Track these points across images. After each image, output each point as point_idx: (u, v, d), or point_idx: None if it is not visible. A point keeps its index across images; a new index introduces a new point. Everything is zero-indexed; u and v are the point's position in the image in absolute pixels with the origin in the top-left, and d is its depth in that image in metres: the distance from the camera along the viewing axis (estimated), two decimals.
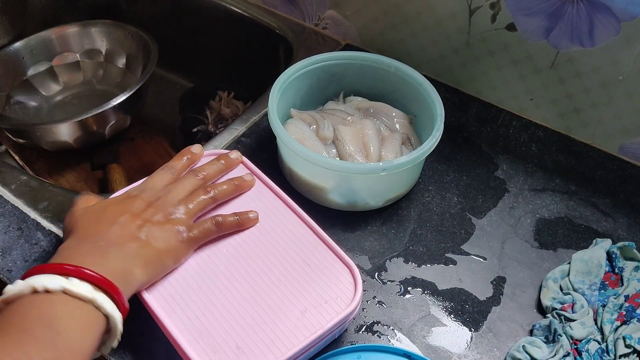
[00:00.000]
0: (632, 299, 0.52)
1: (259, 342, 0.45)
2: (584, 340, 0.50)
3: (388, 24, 0.77)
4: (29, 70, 0.86)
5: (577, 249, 0.59)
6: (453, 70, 0.76)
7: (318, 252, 0.52)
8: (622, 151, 0.69)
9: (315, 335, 0.46)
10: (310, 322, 0.47)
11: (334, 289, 0.49)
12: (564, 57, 0.66)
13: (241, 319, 0.47)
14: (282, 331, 0.46)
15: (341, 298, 0.48)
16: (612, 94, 0.65)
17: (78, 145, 0.77)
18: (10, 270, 0.55)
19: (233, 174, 0.58)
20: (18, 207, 0.61)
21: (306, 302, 0.48)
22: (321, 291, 0.49)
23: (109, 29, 0.88)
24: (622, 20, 0.60)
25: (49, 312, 0.40)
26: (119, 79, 0.90)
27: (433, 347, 0.52)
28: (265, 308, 0.48)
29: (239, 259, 0.51)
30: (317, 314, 0.47)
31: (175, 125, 0.95)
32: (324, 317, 0.47)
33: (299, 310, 0.48)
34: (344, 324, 0.49)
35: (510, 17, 0.67)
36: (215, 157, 0.58)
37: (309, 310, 0.47)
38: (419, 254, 0.59)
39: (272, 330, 0.46)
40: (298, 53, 0.82)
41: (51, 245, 0.57)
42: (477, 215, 0.63)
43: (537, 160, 0.69)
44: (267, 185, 0.57)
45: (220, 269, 0.50)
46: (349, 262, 0.51)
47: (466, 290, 0.56)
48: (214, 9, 0.91)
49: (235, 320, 0.47)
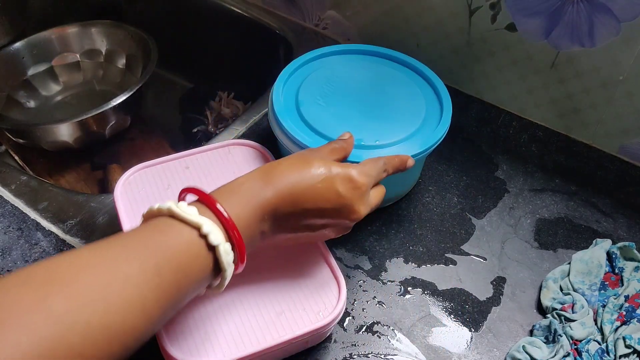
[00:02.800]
0: (632, 299, 0.52)
1: (227, 333, 0.46)
2: (584, 340, 0.50)
3: (388, 24, 0.77)
4: (29, 70, 0.86)
5: (577, 249, 0.59)
6: (453, 70, 0.76)
7: (310, 258, 0.51)
8: (622, 151, 0.69)
9: (282, 339, 0.45)
10: (282, 326, 0.46)
11: (317, 299, 0.48)
12: (564, 57, 0.66)
13: (217, 307, 0.47)
14: (252, 327, 0.46)
15: (321, 309, 0.48)
16: (612, 94, 0.65)
17: (78, 145, 0.77)
18: (10, 270, 0.55)
19: (243, 162, 0.58)
20: (18, 208, 0.61)
21: (285, 305, 0.48)
22: (303, 298, 0.48)
23: (109, 29, 0.88)
24: (622, 20, 0.60)
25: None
26: (118, 79, 0.90)
27: (433, 347, 0.52)
28: (243, 301, 0.48)
29: None
30: (291, 319, 0.47)
31: (175, 125, 0.95)
32: (297, 324, 0.46)
33: (276, 311, 0.47)
34: (318, 334, 0.48)
35: (511, 17, 0.67)
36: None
37: (285, 314, 0.47)
38: (419, 254, 0.59)
39: (242, 324, 0.46)
40: (298, 53, 0.82)
41: (51, 245, 0.57)
42: (477, 215, 0.63)
43: (537, 161, 0.69)
44: None
45: None
46: (339, 275, 0.50)
47: (466, 290, 0.56)
48: (214, 9, 0.91)
49: (210, 308, 0.47)
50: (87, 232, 0.59)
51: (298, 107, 0.59)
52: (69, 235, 0.58)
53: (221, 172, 0.58)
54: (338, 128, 0.56)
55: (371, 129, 0.57)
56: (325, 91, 0.61)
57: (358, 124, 0.58)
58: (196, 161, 0.58)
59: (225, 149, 0.60)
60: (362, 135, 0.56)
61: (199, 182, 0.56)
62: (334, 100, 0.60)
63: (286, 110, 0.59)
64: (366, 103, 0.61)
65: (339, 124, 0.57)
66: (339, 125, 0.57)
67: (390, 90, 0.63)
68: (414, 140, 0.57)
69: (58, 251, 0.57)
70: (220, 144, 0.60)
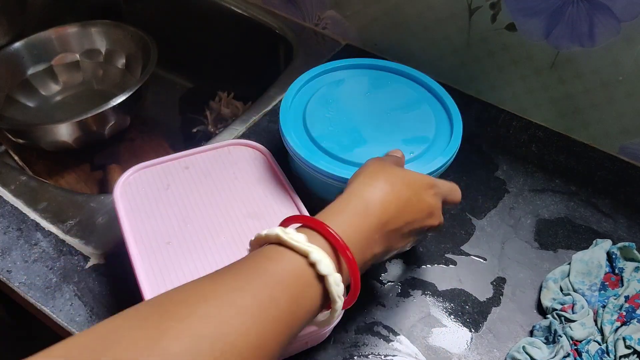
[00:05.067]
0: (632, 299, 0.52)
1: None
2: (584, 341, 0.50)
3: (388, 24, 0.77)
4: (28, 70, 0.86)
5: (577, 249, 0.59)
6: (453, 70, 0.76)
7: None
8: (622, 151, 0.69)
9: None
10: None
11: None
12: (564, 57, 0.66)
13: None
14: None
15: None
16: (612, 94, 0.65)
17: (78, 145, 0.77)
18: (9, 270, 0.55)
19: (243, 162, 0.58)
20: (17, 208, 0.61)
21: None
22: None
23: (109, 29, 0.88)
24: (622, 20, 0.60)
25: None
26: (118, 79, 0.90)
27: (433, 348, 0.52)
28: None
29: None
30: None
31: (175, 125, 0.95)
32: None
33: None
34: (318, 335, 0.48)
35: (510, 17, 0.67)
36: None
37: None
38: (419, 255, 0.59)
39: None
40: (298, 53, 0.82)
41: (51, 245, 0.57)
42: (477, 215, 0.63)
43: (537, 161, 0.69)
44: (276, 172, 0.57)
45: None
46: None
47: (466, 291, 0.56)
48: (214, 9, 0.91)
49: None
50: (86, 232, 0.59)
51: (306, 126, 0.58)
52: (68, 236, 0.58)
53: (221, 173, 0.57)
54: (348, 147, 0.55)
55: (380, 147, 0.55)
56: (334, 108, 0.60)
57: (367, 142, 0.56)
58: (196, 161, 0.58)
59: (225, 149, 0.60)
60: (371, 153, 0.52)
61: (198, 182, 0.56)
62: (343, 118, 0.59)
63: (294, 129, 0.57)
64: (375, 120, 0.59)
65: (349, 142, 0.56)
66: (348, 144, 0.56)
67: (399, 106, 0.60)
68: (424, 160, 0.55)
69: (58, 251, 0.57)
70: (220, 144, 0.60)
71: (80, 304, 0.53)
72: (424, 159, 0.55)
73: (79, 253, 0.57)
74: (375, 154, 0.51)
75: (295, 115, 0.59)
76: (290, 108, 0.59)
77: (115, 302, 0.53)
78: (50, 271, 0.55)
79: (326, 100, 0.60)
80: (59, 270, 0.55)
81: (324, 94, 0.61)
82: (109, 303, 0.53)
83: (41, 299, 0.53)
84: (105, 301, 0.53)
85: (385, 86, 0.63)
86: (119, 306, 0.53)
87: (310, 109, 0.59)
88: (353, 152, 0.55)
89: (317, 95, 0.61)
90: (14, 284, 0.54)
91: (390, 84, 0.63)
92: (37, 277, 0.55)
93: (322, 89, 0.62)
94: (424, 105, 0.61)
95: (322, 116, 0.59)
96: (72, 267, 0.56)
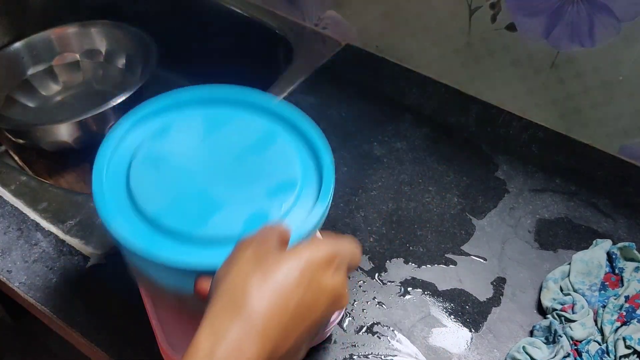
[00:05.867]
0: (632, 299, 0.52)
1: None
2: (584, 341, 0.50)
3: (388, 24, 0.77)
4: (28, 70, 0.86)
5: (577, 249, 0.59)
6: (453, 70, 0.76)
7: None
8: (622, 151, 0.69)
9: None
10: None
11: None
12: (564, 57, 0.66)
13: None
14: None
15: None
16: (612, 94, 0.65)
17: (78, 145, 0.77)
18: (10, 270, 0.55)
19: None
20: (18, 208, 0.61)
21: None
22: None
23: (109, 29, 0.88)
24: (622, 20, 0.60)
25: None
26: (118, 79, 0.90)
27: (433, 348, 0.52)
28: None
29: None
30: None
31: None
32: None
33: None
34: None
35: (511, 17, 0.67)
36: None
37: None
38: (419, 255, 0.59)
39: None
40: (298, 53, 0.82)
41: (51, 245, 0.57)
42: (477, 215, 0.63)
43: (537, 161, 0.69)
44: None
45: None
46: None
47: (466, 291, 0.56)
48: (214, 9, 0.91)
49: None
50: (86, 232, 0.59)
51: (135, 203, 0.42)
52: (68, 236, 0.58)
53: None
54: (198, 218, 0.41)
55: (240, 208, 0.42)
56: (166, 169, 0.44)
57: (222, 205, 0.42)
58: None
59: None
60: (232, 220, 0.41)
61: None
62: (182, 180, 0.44)
63: (121, 212, 0.41)
64: (223, 173, 0.44)
65: (199, 212, 0.41)
66: (198, 214, 0.41)
67: (249, 147, 0.46)
68: (301, 212, 0.42)
69: (58, 251, 0.57)
70: None
71: (80, 304, 0.53)
72: (301, 211, 0.43)
73: (79, 253, 0.57)
74: (238, 220, 0.41)
75: (116, 192, 0.43)
76: (104, 183, 0.43)
77: (115, 302, 0.53)
78: (50, 271, 0.55)
79: (153, 161, 0.45)
80: (59, 270, 0.56)
81: (147, 152, 0.45)
82: (109, 303, 0.53)
83: (41, 299, 0.53)
84: (105, 301, 0.53)
85: (224, 124, 0.48)
86: (119, 306, 0.53)
87: (134, 177, 0.43)
88: (207, 224, 0.41)
89: (138, 156, 0.45)
90: (14, 284, 0.55)
91: (230, 120, 0.49)
92: (37, 277, 0.55)
93: (144, 146, 0.45)
94: (279, 138, 0.47)
95: (154, 183, 0.43)
96: (72, 267, 0.56)
